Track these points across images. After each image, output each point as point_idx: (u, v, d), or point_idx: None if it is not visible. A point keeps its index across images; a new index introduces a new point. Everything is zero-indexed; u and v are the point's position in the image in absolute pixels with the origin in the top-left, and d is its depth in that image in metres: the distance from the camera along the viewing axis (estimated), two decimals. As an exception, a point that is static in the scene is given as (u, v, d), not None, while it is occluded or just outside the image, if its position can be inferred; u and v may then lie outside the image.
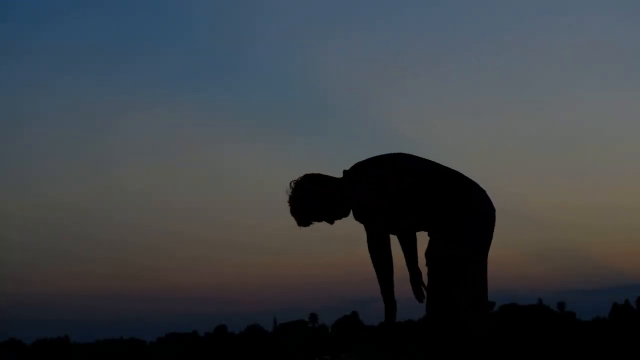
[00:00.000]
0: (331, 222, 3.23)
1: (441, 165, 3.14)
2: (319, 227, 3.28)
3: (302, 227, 3.24)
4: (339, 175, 3.23)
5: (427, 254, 3.05)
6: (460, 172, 3.13)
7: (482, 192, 3.08)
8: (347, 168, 3.21)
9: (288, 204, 3.21)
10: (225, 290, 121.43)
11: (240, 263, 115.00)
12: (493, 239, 3.08)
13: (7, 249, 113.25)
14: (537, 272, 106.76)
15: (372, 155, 3.21)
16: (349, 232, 3.34)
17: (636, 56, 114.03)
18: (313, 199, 3.16)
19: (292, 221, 3.24)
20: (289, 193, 3.20)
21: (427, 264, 3.05)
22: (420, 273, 3.29)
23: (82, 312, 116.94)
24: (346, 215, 3.22)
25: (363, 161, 3.19)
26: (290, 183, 3.21)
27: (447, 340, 2.93)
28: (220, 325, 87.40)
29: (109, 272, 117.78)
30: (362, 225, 3.15)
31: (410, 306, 3.23)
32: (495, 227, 3.10)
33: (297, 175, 3.20)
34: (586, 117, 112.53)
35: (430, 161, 3.14)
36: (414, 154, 3.19)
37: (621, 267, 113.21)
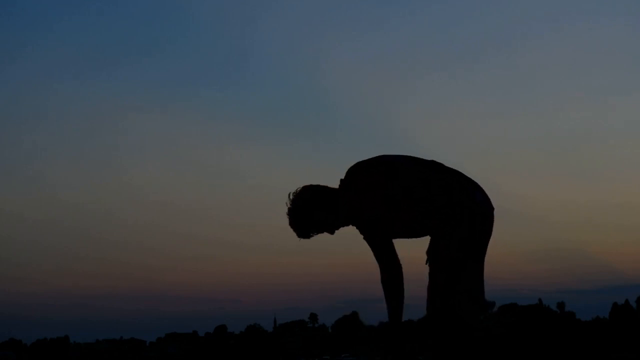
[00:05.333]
0: (332, 233, 3.17)
1: (438, 166, 3.10)
2: (320, 235, 3.20)
3: (303, 239, 3.17)
4: (337, 184, 3.15)
5: (430, 252, 3.04)
6: (460, 171, 3.11)
7: (482, 194, 3.07)
8: (343, 177, 3.13)
9: (287, 216, 3.12)
10: (225, 290, 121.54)
11: (240, 263, 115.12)
12: (492, 238, 3.07)
13: (8, 248, 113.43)
14: (537, 272, 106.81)
15: (373, 156, 3.14)
16: (349, 232, 3.31)
17: (636, 58, 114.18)
18: (312, 210, 3.09)
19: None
20: (288, 205, 3.12)
21: (430, 263, 3.04)
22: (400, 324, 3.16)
23: (82, 312, 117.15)
24: (347, 224, 3.15)
25: (361, 162, 3.12)
26: (289, 195, 3.12)
27: (449, 339, 2.94)
28: (220, 325, 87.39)
29: (110, 272, 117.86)
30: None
31: (409, 306, 3.23)
32: (495, 227, 3.08)
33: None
34: (586, 118, 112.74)
35: (428, 163, 3.10)
36: (415, 154, 3.14)
37: (621, 267, 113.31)
